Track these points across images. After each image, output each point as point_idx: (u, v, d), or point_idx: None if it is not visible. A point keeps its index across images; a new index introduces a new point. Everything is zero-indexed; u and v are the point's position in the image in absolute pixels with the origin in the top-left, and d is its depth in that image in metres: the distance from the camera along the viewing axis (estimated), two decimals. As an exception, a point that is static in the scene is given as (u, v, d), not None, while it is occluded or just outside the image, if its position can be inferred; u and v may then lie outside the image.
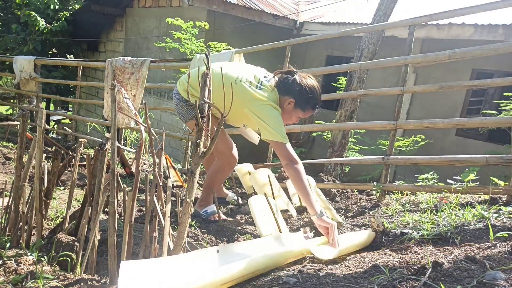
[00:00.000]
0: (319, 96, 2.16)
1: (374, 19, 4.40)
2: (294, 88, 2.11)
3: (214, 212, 2.42)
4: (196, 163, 1.40)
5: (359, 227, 2.27)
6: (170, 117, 7.71)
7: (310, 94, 2.11)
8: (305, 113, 2.18)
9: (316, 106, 2.16)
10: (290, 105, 2.15)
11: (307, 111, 2.17)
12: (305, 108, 2.15)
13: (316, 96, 2.14)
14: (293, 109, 2.16)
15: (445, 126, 2.84)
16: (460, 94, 6.26)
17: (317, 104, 2.17)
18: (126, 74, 4.49)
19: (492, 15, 5.34)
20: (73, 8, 10.72)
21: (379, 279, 1.28)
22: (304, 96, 2.11)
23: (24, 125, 1.92)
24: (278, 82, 2.17)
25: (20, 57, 5.97)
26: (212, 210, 2.44)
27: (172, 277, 1.30)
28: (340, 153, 4.69)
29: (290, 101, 2.14)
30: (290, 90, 2.12)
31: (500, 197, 2.42)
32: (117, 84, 1.52)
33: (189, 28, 5.51)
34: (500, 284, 1.07)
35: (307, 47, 8.00)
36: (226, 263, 1.44)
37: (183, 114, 2.35)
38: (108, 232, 1.49)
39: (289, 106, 2.15)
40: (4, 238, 1.90)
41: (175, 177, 3.24)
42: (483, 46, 2.56)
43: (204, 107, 1.38)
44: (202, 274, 1.35)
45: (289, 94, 2.12)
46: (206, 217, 2.42)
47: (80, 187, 3.32)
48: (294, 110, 2.17)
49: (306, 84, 2.11)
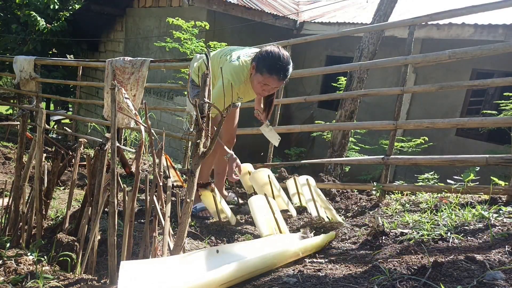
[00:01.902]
0: (276, 60, 2.12)
1: (374, 19, 4.40)
2: (259, 54, 2.19)
3: (203, 208, 2.48)
4: (196, 163, 1.40)
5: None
6: (170, 117, 7.71)
7: (266, 56, 2.14)
8: (263, 77, 2.15)
9: (271, 70, 2.12)
10: (253, 70, 2.20)
11: (264, 74, 2.14)
12: (262, 71, 2.15)
13: (272, 59, 2.12)
14: (254, 75, 2.20)
15: (445, 126, 2.84)
16: (460, 94, 6.26)
17: (273, 68, 2.12)
18: (126, 74, 4.49)
19: (492, 15, 5.33)
20: (73, 8, 10.72)
21: (379, 279, 1.28)
22: (261, 58, 2.16)
23: (24, 125, 1.92)
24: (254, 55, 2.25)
25: (20, 57, 5.96)
26: (201, 206, 2.48)
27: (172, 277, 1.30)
28: (340, 153, 4.69)
29: (253, 66, 2.20)
30: (256, 57, 2.21)
31: (500, 197, 2.43)
32: (117, 84, 1.52)
33: (189, 28, 5.51)
34: (500, 284, 1.07)
35: (307, 47, 8.00)
36: (226, 263, 1.44)
37: (190, 92, 2.62)
38: (108, 232, 1.49)
39: (253, 71, 2.21)
40: (4, 238, 1.90)
41: (175, 177, 3.24)
42: (483, 46, 2.56)
43: (204, 107, 1.38)
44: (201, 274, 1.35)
45: (254, 60, 2.21)
46: (195, 213, 2.46)
47: (80, 187, 3.32)
48: (255, 76, 2.20)
49: (267, 49, 2.16)
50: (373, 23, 4.39)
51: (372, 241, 1.91)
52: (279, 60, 2.12)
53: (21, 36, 9.88)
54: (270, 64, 2.12)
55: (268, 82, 2.16)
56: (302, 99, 3.83)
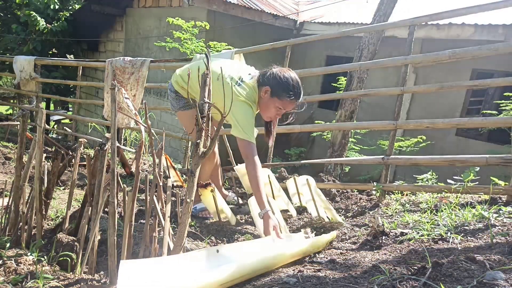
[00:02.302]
0: (295, 84, 2.16)
1: (374, 19, 4.40)
2: (270, 78, 2.18)
3: (203, 208, 2.48)
4: (196, 163, 1.40)
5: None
6: (170, 117, 7.71)
7: (285, 81, 2.14)
8: (282, 102, 2.17)
9: (291, 94, 2.15)
10: (266, 95, 2.18)
11: (283, 99, 2.15)
12: (280, 96, 2.15)
13: (292, 84, 2.14)
14: (270, 98, 2.18)
15: (445, 126, 2.84)
16: (460, 94, 6.26)
17: (293, 92, 2.15)
18: (126, 74, 4.49)
19: (492, 15, 5.33)
20: (73, 8, 10.72)
21: (379, 279, 1.28)
22: (278, 83, 2.15)
23: (24, 125, 1.92)
24: (258, 77, 2.23)
25: (20, 57, 5.96)
26: (201, 206, 2.48)
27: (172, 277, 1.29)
28: (340, 153, 4.69)
29: (266, 90, 2.18)
30: (266, 80, 2.18)
31: (500, 197, 2.42)
32: (117, 84, 1.52)
33: (189, 28, 5.51)
34: (500, 284, 1.07)
35: (307, 47, 8.00)
36: (226, 263, 1.44)
37: (173, 104, 2.50)
38: (108, 232, 1.49)
39: (266, 95, 2.19)
40: (4, 238, 1.90)
41: (175, 177, 3.24)
42: (483, 46, 2.56)
43: (204, 107, 1.38)
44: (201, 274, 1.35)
45: (265, 83, 2.18)
46: (195, 214, 2.46)
47: (80, 187, 3.32)
48: (270, 100, 2.19)
49: (282, 73, 2.17)
50: (373, 23, 4.39)
51: (372, 241, 1.91)
52: (297, 84, 2.17)
53: (21, 36, 9.88)
54: (289, 89, 2.14)
55: (286, 106, 2.19)
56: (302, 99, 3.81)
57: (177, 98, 2.44)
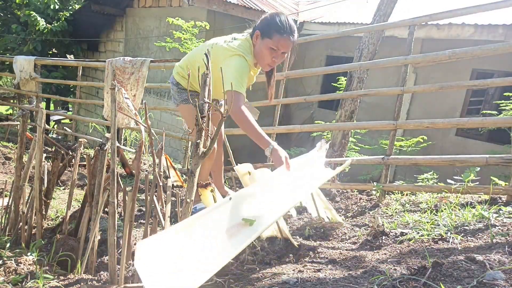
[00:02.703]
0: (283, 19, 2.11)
1: (374, 19, 4.40)
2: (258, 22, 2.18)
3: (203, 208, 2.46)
4: (196, 163, 1.40)
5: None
6: (170, 117, 7.71)
7: (272, 18, 2.12)
8: (273, 41, 2.11)
9: (281, 30, 2.09)
10: (258, 39, 2.16)
11: (274, 37, 2.10)
12: (271, 35, 2.11)
13: (279, 19, 2.11)
14: (262, 41, 2.14)
15: (445, 126, 2.84)
16: (460, 94, 6.26)
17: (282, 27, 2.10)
18: (126, 74, 4.49)
19: (492, 15, 5.33)
20: (73, 8, 10.72)
21: (379, 279, 1.28)
22: (266, 22, 2.13)
23: (24, 125, 1.92)
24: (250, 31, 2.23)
25: (20, 57, 5.96)
26: (201, 207, 2.48)
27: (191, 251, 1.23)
28: (340, 153, 4.69)
29: (256, 34, 2.16)
30: (256, 27, 2.18)
31: (500, 197, 2.42)
32: (117, 84, 1.52)
33: (189, 28, 5.51)
34: (500, 284, 1.07)
35: (307, 47, 8.00)
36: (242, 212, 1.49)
37: (175, 97, 2.47)
38: (108, 232, 1.49)
39: (258, 40, 2.16)
40: (4, 238, 1.90)
41: (175, 177, 3.24)
42: (483, 46, 2.56)
43: (204, 107, 1.38)
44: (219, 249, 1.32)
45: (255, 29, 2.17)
46: None
47: (80, 187, 3.32)
48: (262, 42, 2.14)
49: (267, 14, 2.18)
50: (373, 23, 4.38)
51: (372, 241, 1.91)
52: (286, 19, 2.12)
53: (21, 36, 9.88)
54: (278, 25, 2.09)
55: (280, 44, 2.11)
56: (302, 99, 3.83)
57: (179, 91, 2.43)
